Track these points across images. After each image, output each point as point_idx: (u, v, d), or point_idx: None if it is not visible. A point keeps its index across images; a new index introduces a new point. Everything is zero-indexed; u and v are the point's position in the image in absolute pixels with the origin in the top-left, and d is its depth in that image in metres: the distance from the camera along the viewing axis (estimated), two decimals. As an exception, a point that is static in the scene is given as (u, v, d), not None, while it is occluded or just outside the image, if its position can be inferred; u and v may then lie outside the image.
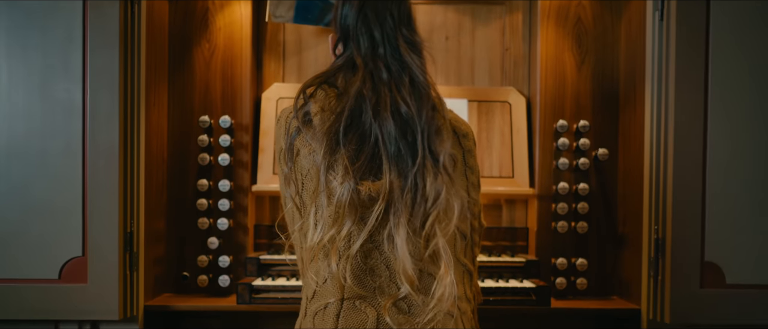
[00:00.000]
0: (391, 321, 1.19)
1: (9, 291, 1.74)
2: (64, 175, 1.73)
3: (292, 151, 1.26)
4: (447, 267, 1.17)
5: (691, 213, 1.77)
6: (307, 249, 1.23)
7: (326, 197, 1.19)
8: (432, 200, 1.18)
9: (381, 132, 1.20)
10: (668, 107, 1.79)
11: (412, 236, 1.17)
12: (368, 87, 1.23)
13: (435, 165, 1.19)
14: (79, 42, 1.73)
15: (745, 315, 1.79)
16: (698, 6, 1.76)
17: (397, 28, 1.27)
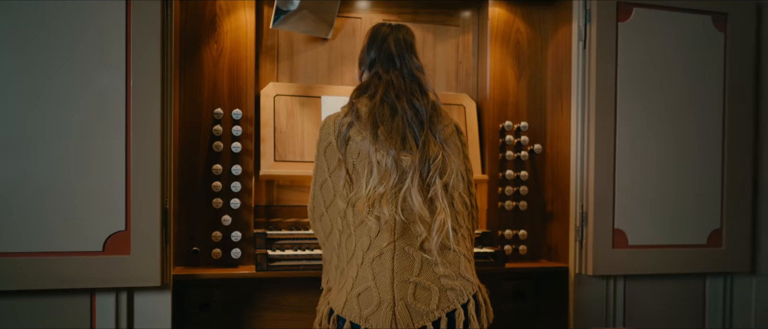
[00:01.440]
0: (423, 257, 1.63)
1: (50, 262, 1.90)
2: (109, 157, 1.93)
3: (346, 141, 1.68)
4: (441, 207, 1.64)
5: (606, 193, 2.38)
6: (361, 203, 1.63)
7: (375, 164, 1.62)
8: (432, 160, 1.66)
9: (405, 116, 1.66)
10: (591, 113, 2.38)
11: (421, 186, 1.63)
12: (391, 91, 1.70)
13: (434, 137, 1.67)
14: (122, 36, 1.94)
15: (641, 266, 2.43)
16: (610, 37, 2.38)
17: (409, 56, 1.77)
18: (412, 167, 1.64)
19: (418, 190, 1.64)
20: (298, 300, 2.38)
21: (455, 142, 1.77)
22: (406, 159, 1.64)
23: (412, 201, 1.64)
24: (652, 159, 2.43)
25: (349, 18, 2.57)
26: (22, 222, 1.87)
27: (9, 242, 1.86)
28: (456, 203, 1.73)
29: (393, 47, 1.79)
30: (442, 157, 1.69)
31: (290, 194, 2.47)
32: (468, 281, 1.70)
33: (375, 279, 1.64)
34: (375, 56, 1.80)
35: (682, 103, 2.47)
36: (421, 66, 1.82)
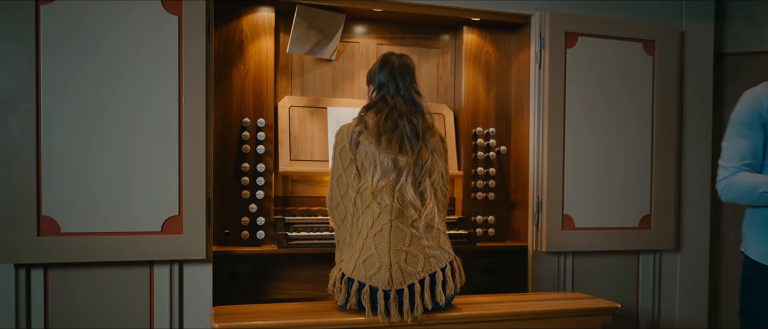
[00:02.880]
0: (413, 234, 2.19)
1: (120, 240, 2.43)
2: (166, 158, 2.46)
3: (356, 145, 2.23)
4: (430, 199, 2.20)
5: (556, 186, 2.97)
6: (368, 190, 2.18)
7: (378, 164, 2.17)
8: (422, 164, 2.22)
9: (403, 129, 2.22)
10: (544, 121, 2.96)
11: (414, 183, 2.19)
12: (394, 110, 2.25)
13: (426, 146, 2.23)
14: (176, 64, 2.47)
15: (586, 244, 3.02)
16: (560, 60, 2.96)
17: (410, 83, 2.32)
18: (407, 167, 2.20)
19: (411, 184, 2.20)
20: (309, 273, 2.92)
21: (440, 149, 2.33)
22: (402, 161, 2.20)
23: (406, 192, 2.20)
24: (595, 158, 3.02)
25: (349, 43, 3.13)
26: (102, 209, 2.41)
27: (94, 224, 2.39)
28: (438, 194, 2.29)
29: (398, 74, 2.34)
30: (431, 162, 2.25)
31: (302, 187, 3.02)
32: (446, 251, 2.28)
33: (377, 248, 2.21)
34: (384, 80, 2.35)
35: (620, 112, 3.06)
36: (419, 91, 2.38)
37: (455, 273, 2.29)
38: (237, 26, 2.87)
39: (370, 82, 2.41)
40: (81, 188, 2.39)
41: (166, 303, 2.52)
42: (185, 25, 2.49)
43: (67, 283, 2.42)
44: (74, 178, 2.38)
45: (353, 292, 2.22)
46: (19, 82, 2.33)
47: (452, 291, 2.27)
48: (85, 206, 2.40)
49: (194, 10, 2.50)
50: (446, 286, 2.25)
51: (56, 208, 2.37)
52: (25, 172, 2.33)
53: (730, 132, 2.12)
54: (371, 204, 2.23)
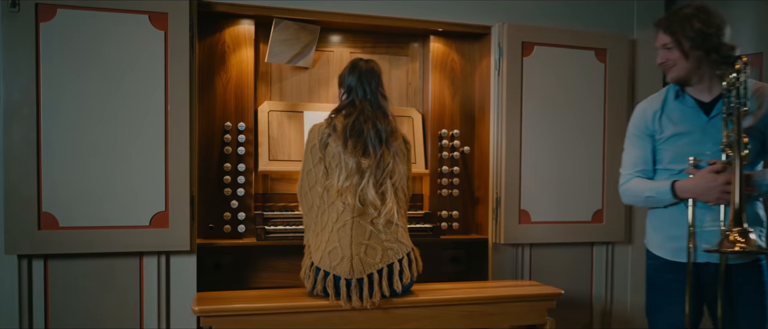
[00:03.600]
0: (372, 229, 2.46)
1: (112, 233, 2.71)
2: (154, 159, 2.73)
3: (325, 145, 2.49)
4: (390, 199, 2.47)
5: (513, 183, 3.24)
6: (333, 190, 2.45)
7: (344, 165, 2.44)
8: (384, 167, 2.48)
9: (368, 134, 2.47)
10: (503, 124, 3.22)
11: (375, 184, 2.45)
12: (361, 114, 2.51)
13: (389, 150, 2.49)
14: (162, 68, 2.74)
15: (542, 237, 3.29)
16: (517, 68, 3.22)
17: (376, 88, 2.57)
18: (369, 169, 2.47)
19: (373, 186, 2.47)
20: (287, 264, 3.19)
21: (403, 151, 2.60)
22: (365, 163, 2.47)
23: (367, 193, 2.47)
24: (550, 157, 3.28)
25: (325, 51, 3.39)
26: (96, 205, 2.68)
27: (89, 219, 2.67)
28: (398, 193, 2.56)
29: (365, 79, 2.59)
30: (392, 164, 2.52)
31: (281, 185, 3.28)
32: (403, 244, 2.54)
33: (340, 242, 2.48)
34: (352, 84, 2.60)
35: (573, 115, 3.32)
36: (386, 95, 2.64)
37: (412, 264, 2.56)
38: (220, 38, 3.14)
39: (341, 85, 2.66)
40: (77, 187, 2.67)
41: (154, 290, 2.80)
42: (170, 39, 2.76)
43: (65, 272, 2.70)
44: (71, 177, 2.66)
45: (319, 280, 2.50)
46: (22, 91, 2.60)
47: (409, 280, 2.54)
48: (81, 203, 2.67)
49: (179, 25, 2.77)
50: (403, 275, 2.52)
51: (55, 204, 2.65)
52: (26, 172, 2.61)
53: (626, 143, 2.39)
54: (336, 202, 2.50)
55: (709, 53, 2.09)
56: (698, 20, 2.09)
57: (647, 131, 2.29)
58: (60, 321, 2.70)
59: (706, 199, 2.10)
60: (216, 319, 2.39)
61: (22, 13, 2.61)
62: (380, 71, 2.65)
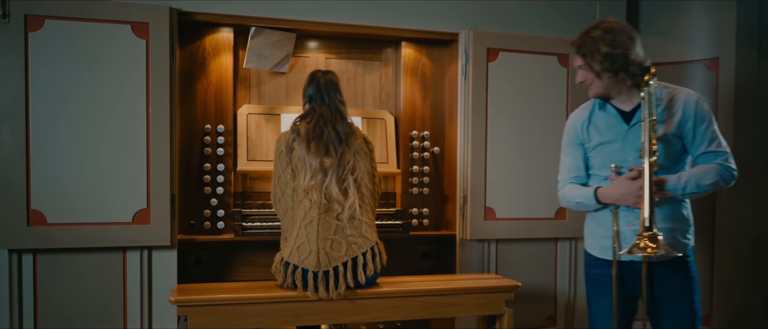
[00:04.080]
0: (338, 224, 2.65)
1: (97, 229, 2.90)
2: (136, 159, 2.92)
3: (291, 150, 2.68)
4: (352, 194, 2.65)
5: (479, 182, 3.42)
6: (300, 190, 2.64)
7: (308, 166, 2.63)
8: (345, 164, 2.67)
9: (329, 135, 2.66)
10: (469, 126, 3.41)
11: (338, 181, 2.64)
12: (321, 118, 2.70)
13: (349, 149, 2.68)
14: (143, 75, 2.92)
15: (507, 233, 3.47)
16: (482, 73, 3.40)
17: (334, 95, 2.77)
18: (331, 167, 2.66)
19: (336, 183, 2.66)
20: (264, 258, 3.36)
21: (364, 150, 2.78)
22: (328, 162, 2.66)
23: (331, 190, 2.66)
24: (514, 158, 3.46)
25: (301, 57, 3.57)
26: (82, 203, 2.87)
27: (75, 216, 2.86)
28: (362, 189, 2.74)
29: (323, 88, 2.79)
30: (353, 161, 2.71)
31: (258, 184, 3.47)
32: (367, 239, 2.73)
33: (307, 237, 2.66)
34: (312, 93, 2.80)
35: (537, 118, 3.50)
36: (343, 100, 2.83)
37: (375, 257, 2.74)
38: (200, 45, 3.32)
39: (304, 96, 2.86)
40: (64, 186, 2.86)
41: (137, 283, 2.99)
42: (152, 47, 2.94)
43: (52, 266, 2.89)
44: (59, 177, 2.85)
45: (289, 273, 2.68)
46: (12, 97, 2.79)
47: (372, 272, 2.72)
48: (67, 201, 2.86)
49: (159, 35, 2.95)
50: (366, 268, 2.70)
51: (43, 202, 2.84)
52: (16, 172, 2.79)
53: (561, 151, 2.55)
54: (303, 200, 2.68)
55: (618, 73, 2.24)
56: (604, 43, 2.21)
57: (577, 140, 2.44)
58: (48, 310, 2.89)
59: (625, 203, 2.26)
60: (191, 309, 2.57)
61: (12, 23, 2.79)
62: (337, 80, 2.84)
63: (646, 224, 2.11)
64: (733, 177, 2.29)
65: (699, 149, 2.28)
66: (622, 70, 2.22)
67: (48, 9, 2.83)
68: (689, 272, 2.32)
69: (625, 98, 2.32)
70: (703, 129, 2.27)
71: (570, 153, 2.48)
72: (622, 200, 2.26)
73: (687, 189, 2.23)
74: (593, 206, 2.37)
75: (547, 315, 3.63)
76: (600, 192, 2.33)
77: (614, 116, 2.34)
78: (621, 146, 2.32)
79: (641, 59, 2.24)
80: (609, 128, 2.35)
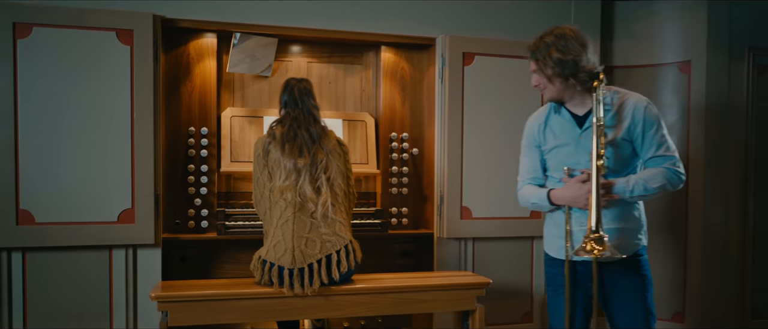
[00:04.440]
0: (312, 223, 2.76)
1: (83, 228, 3.01)
2: (121, 161, 3.04)
3: (267, 153, 2.80)
4: (325, 192, 2.77)
5: (455, 182, 3.52)
6: (276, 189, 2.75)
7: (283, 167, 2.74)
8: (318, 164, 2.78)
9: (302, 137, 2.78)
10: (445, 128, 3.51)
11: (311, 180, 2.76)
12: (295, 122, 2.82)
13: (322, 149, 2.79)
14: (128, 80, 3.04)
15: (483, 232, 3.58)
16: (458, 76, 3.51)
17: (308, 100, 2.89)
18: (305, 167, 2.77)
19: (309, 182, 2.78)
20: (248, 256, 3.43)
21: (338, 151, 2.90)
22: (301, 163, 2.77)
23: (305, 189, 2.77)
24: (490, 158, 3.57)
25: (284, 61, 3.68)
26: (69, 203, 2.99)
27: (62, 216, 2.98)
28: (336, 189, 2.86)
29: (297, 94, 2.91)
30: (326, 161, 2.82)
31: (242, 184, 3.58)
32: (341, 237, 2.84)
33: (283, 236, 2.78)
34: (287, 100, 2.92)
35: (512, 119, 3.59)
36: (317, 105, 2.94)
37: (350, 255, 2.85)
38: (185, 50, 3.44)
39: (279, 102, 2.97)
40: (52, 186, 2.98)
41: (122, 280, 3.11)
42: (136, 53, 3.06)
43: (41, 264, 3.01)
44: (46, 178, 2.97)
45: (266, 270, 2.79)
46: (1, 101, 2.90)
47: (346, 269, 2.83)
48: (55, 201, 2.98)
49: (143, 41, 3.07)
50: (340, 265, 2.81)
51: (31, 202, 2.96)
52: (5, 173, 2.92)
53: (521, 152, 2.63)
54: (279, 201, 2.80)
55: (568, 79, 2.33)
56: (556, 49, 2.30)
57: (535, 142, 2.53)
58: (37, 307, 3.01)
59: (576, 205, 2.35)
60: (171, 304, 2.68)
61: (1, 31, 2.91)
62: (311, 87, 2.96)
63: (592, 227, 2.20)
64: (680, 181, 2.36)
65: (648, 153, 2.36)
66: (573, 75, 2.31)
67: (36, 16, 2.95)
68: (642, 271, 2.40)
69: (579, 103, 2.41)
70: (652, 134, 2.35)
71: (528, 155, 2.58)
72: (572, 202, 2.35)
73: (635, 192, 2.31)
74: (547, 207, 2.46)
75: (523, 312, 3.74)
76: (553, 194, 2.42)
77: (568, 120, 2.43)
78: (574, 150, 2.40)
79: (592, 66, 2.33)
80: (563, 132, 2.44)
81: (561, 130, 2.44)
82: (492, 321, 3.65)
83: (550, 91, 2.39)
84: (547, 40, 2.34)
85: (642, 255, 2.43)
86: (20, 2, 2.94)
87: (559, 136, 2.44)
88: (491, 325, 3.65)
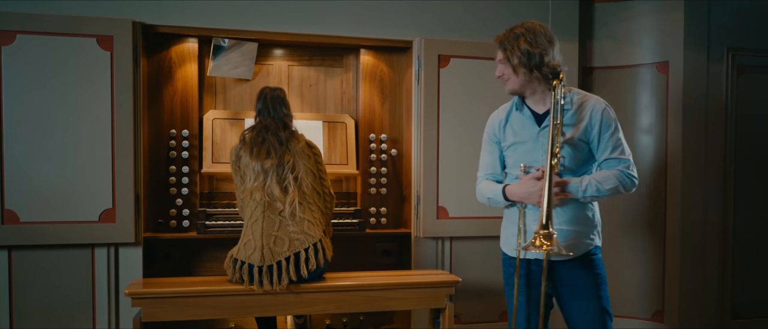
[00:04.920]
0: (281, 221, 2.85)
1: (66, 227, 3.14)
2: (102, 162, 3.15)
3: (239, 157, 2.90)
4: (292, 191, 2.85)
5: (432, 182, 3.59)
6: (246, 191, 2.85)
7: (252, 170, 2.83)
8: (284, 164, 2.87)
9: (269, 141, 2.87)
10: (421, 129, 3.58)
11: (278, 180, 2.84)
12: (265, 128, 2.91)
13: (289, 151, 2.88)
14: (108, 85, 3.16)
15: (460, 231, 3.63)
16: (434, 78, 3.57)
17: (280, 108, 2.98)
18: (272, 168, 2.86)
19: (276, 183, 2.86)
20: (230, 254, 3.59)
21: (307, 152, 2.98)
22: (268, 164, 2.86)
23: (273, 189, 2.86)
24: (467, 158, 3.62)
25: (265, 65, 3.77)
26: (52, 203, 3.11)
27: (45, 215, 3.11)
28: (305, 188, 2.94)
29: (270, 103, 3.00)
30: (293, 162, 2.91)
31: (224, 185, 3.68)
32: (309, 235, 2.92)
33: (253, 234, 2.87)
34: (260, 108, 3.02)
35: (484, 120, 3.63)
36: (289, 113, 3.03)
37: (318, 253, 2.94)
38: (166, 55, 3.54)
39: (255, 109, 3.06)
40: (35, 187, 3.10)
41: (104, 278, 3.22)
42: (116, 59, 3.17)
43: (26, 261, 3.14)
44: (29, 179, 3.09)
45: (237, 268, 2.89)
46: (-14, 106, 3.04)
47: (315, 266, 2.91)
48: (38, 201, 3.11)
49: (123, 47, 3.18)
50: (309, 263, 2.89)
51: (16, 202, 3.08)
52: (-9, 175, 3.05)
53: (482, 148, 2.67)
54: (250, 201, 2.89)
55: (532, 71, 2.39)
56: (525, 40, 2.36)
57: (495, 139, 2.59)
58: (23, 302, 3.14)
59: (529, 202, 2.40)
60: (144, 301, 2.79)
61: (-13, 38, 3.05)
62: (284, 95, 3.06)
63: (543, 222, 2.25)
64: (633, 184, 2.40)
65: (603, 155, 2.40)
66: (537, 68, 2.36)
67: (19, 24, 3.08)
68: (596, 269, 2.44)
69: (539, 100, 2.46)
70: (608, 136, 2.39)
71: (488, 151, 2.62)
72: (526, 198, 2.40)
73: (588, 192, 2.35)
74: (502, 202, 2.51)
75: (501, 310, 3.79)
76: (508, 190, 2.47)
77: (528, 118, 2.47)
78: (532, 147, 2.45)
79: (556, 63, 2.37)
80: (523, 129, 2.48)
81: (521, 127, 2.48)
82: (470, 319, 3.71)
83: (513, 82, 2.43)
84: (516, 31, 2.39)
85: (595, 254, 2.46)
86: (4, 11, 3.07)
87: (518, 133, 2.48)
88: (469, 323, 3.71)
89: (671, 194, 3.82)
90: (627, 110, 3.92)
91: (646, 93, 3.90)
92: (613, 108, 2.55)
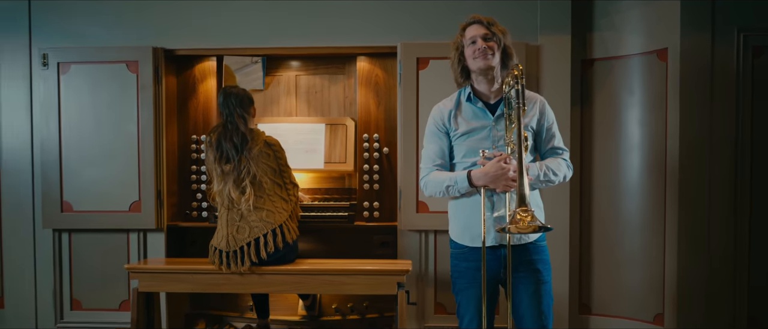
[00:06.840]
0: (241, 214, 3.32)
1: (106, 215, 3.94)
2: (130, 164, 3.91)
3: (208, 158, 3.42)
4: (249, 193, 3.29)
5: (410, 179, 3.81)
6: (215, 192, 3.37)
7: (215, 173, 3.34)
8: (241, 169, 3.31)
9: (226, 147, 3.34)
10: (403, 128, 3.82)
11: (236, 181, 3.30)
12: (222, 134, 3.38)
13: (245, 156, 3.32)
14: (134, 102, 3.90)
15: (440, 224, 3.80)
16: (413, 79, 3.79)
17: (235, 108, 3.42)
18: (229, 173, 3.35)
19: (234, 186, 3.34)
20: (247, 242, 4.16)
21: (265, 152, 3.41)
22: (227, 168, 3.35)
23: (231, 192, 3.35)
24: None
25: (275, 75, 4.29)
26: (95, 197, 3.94)
27: (92, 206, 3.94)
28: (264, 185, 3.37)
29: (228, 102, 3.45)
30: (248, 166, 3.35)
31: (240, 181, 4.27)
32: (268, 222, 3.36)
33: (221, 224, 3.40)
34: (220, 106, 3.50)
35: (467, 119, 3.77)
36: (244, 112, 3.44)
37: (277, 237, 3.37)
38: (191, 73, 4.22)
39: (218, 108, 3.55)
40: (83, 184, 3.95)
41: (135, 256, 3.98)
42: (141, 79, 3.91)
43: (81, 241, 4.00)
44: (81, 177, 3.94)
45: (212, 253, 3.44)
46: (49, 122, 3.94)
47: (273, 249, 3.34)
48: (86, 195, 3.95)
49: (146, 69, 3.90)
50: (267, 246, 3.34)
51: (71, 196, 3.96)
52: (53, 173, 3.95)
53: (424, 140, 2.74)
54: (218, 198, 3.42)
55: (503, 59, 2.58)
56: (507, 33, 2.65)
57: (443, 129, 2.64)
58: (79, 272, 4.01)
59: (495, 186, 2.41)
60: (140, 275, 3.46)
61: (50, 69, 3.95)
62: (242, 94, 3.48)
63: (527, 201, 2.24)
64: (571, 173, 2.66)
65: (548, 145, 2.62)
66: (509, 58, 2.61)
67: (72, 57, 3.94)
68: (544, 255, 2.56)
69: (488, 89, 2.61)
70: (555, 128, 2.65)
71: (435, 141, 2.66)
72: (493, 183, 2.41)
73: (543, 177, 2.53)
74: (465, 188, 2.50)
75: (489, 303, 3.87)
76: (473, 174, 2.46)
77: (481, 108, 2.59)
78: (486, 135, 2.55)
79: (515, 62, 2.62)
80: (475, 118, 2.59)
81: (473, 116, 2.60)
82: (452, 309, 3.85)
83: (494, 60, 2.58)
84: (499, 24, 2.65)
85: (543, 242, 2.59)
86: (63, 46, 3.95)
87: (471, 122, 2.59)
88: (451, 314, 3.86)
89: (671, 193, 3.59)
90: (625, 102, 3.76)
91: (648, 81, 3.69)
92: (614, 100, 2.70)
